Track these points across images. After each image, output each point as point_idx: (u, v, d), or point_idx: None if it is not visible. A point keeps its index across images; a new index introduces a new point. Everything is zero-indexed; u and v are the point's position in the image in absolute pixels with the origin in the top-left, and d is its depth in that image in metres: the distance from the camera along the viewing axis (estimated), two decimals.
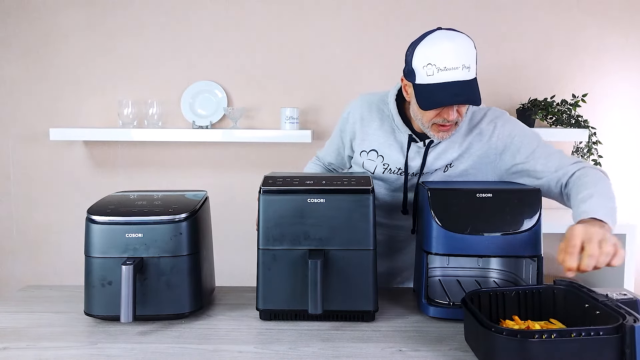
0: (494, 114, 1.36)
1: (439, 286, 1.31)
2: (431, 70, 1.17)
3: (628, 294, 1.08)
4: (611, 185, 1.20)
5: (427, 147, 1.34)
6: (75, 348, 1.03)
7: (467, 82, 1.17)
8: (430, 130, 1.28)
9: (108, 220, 1.12)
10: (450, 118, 1.23)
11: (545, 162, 1.28)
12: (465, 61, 1.16)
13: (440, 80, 1.17)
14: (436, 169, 1.35)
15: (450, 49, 1.16)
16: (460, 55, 1.16)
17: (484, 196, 1.15)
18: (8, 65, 2.52)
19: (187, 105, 2.51)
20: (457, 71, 1.16)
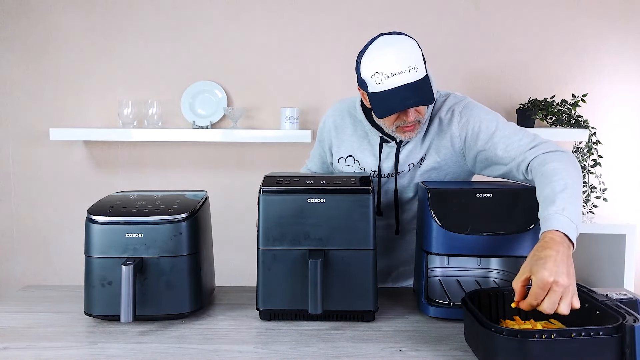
0: (452, 101, 1.34)
1: (439, 286, 1.31)
2: (379, 79, 1.17)
3: (628, 294, 1.08)
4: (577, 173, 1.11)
5: (399, 146, 1.35)
6: (75, 348, 1.03)
7: (416, 83, 1.17)
8: (395, 133, 1.29)
9: (108, 220, 1.13)
10: (409, 120, 1.24)
11: (504, 148, 1.24)
12: (410, 62, 1.16)
13: (390, 87, 1.17)
14: (411, 164, 1.36)
15: (393, 54, 1.16)
16: (403, 59, 1.16)
17: (484, 196, 1.15)
18: (8, 65, 2.52)
19: (187, 105, 2.51)
20: (404, 75, 1.16)
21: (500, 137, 1.25)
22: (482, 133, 1.27)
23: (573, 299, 0.91)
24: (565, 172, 1.09)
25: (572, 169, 1.12)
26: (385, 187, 1.41)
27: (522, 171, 1.21)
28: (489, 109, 1.33)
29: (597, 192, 2.35)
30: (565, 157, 1.15)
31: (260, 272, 1.14)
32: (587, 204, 2.36)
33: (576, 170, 1.12)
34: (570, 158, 1.16)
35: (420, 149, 1.35)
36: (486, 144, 1.26)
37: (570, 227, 0.99)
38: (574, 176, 1.10)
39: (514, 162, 1.22)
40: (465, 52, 2.50)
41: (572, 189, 1.06)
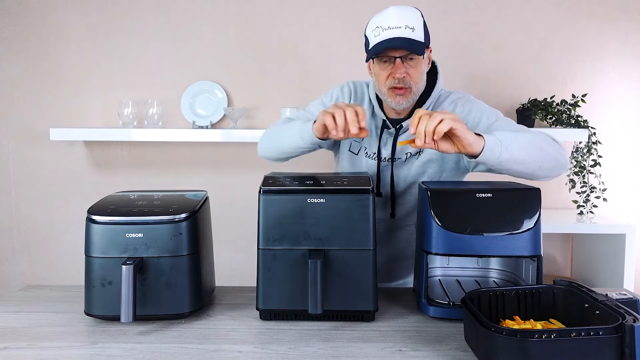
0: (456, 96, 1.42)
1: (439, 286, 1.31)
2: (377, 32, 1.27)
3: (628, 294, 1.08)
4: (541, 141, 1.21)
5: (397, 132, 1.39)
6: (75, 348, 1.03)
7: (410, 39, 1.25)
8: (387, 97, 1.34)
9: (108, 220, 1.13)
10: (397, 75, 1.28)
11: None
12: (408, 22, 1.25)
13: (385, 37, 1.26)
14: (408, 153, 1.40)
15: (394, 12, 1.27)
16: (403, 17, 1.26)
17: (484, 196, 1.15)
18: (8, 65, 2.52)
19: (187, 105, 2.51)
20: (400, 29, 1.25)
21: (499, 125, 1.31)
22: (482, 123, 1.34)
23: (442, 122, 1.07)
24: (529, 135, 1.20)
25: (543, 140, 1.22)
26: (384, 172, 1.44)
27: None
28: (484, 104, 1.41)
29: (597, 192, 2.36)
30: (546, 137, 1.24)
31: (260, 272, 1.14)
32: (587, 204, 2.37)
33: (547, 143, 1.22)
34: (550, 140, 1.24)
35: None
36: (486, 130, 1.31)
37: (491, 137, 1.13)
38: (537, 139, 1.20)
39: None
40: (465, 52, 2.50)
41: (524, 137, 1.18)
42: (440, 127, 1.07)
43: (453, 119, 1.08)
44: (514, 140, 1.17)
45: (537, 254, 1.14)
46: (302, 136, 1.28)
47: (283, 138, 1.36)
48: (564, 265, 2.62)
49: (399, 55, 1.28)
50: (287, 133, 1.34)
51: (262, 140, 1.46)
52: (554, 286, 1.05)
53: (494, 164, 1.16)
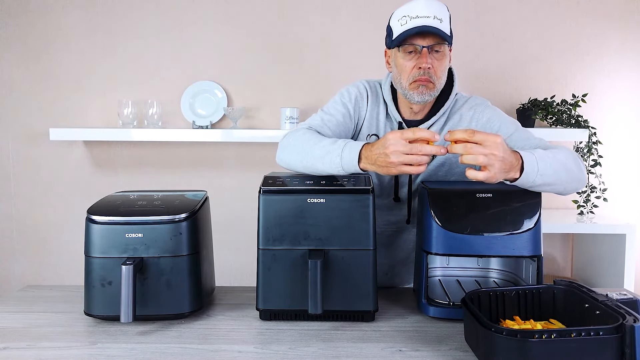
0: (475, 101, 1.40)
1: (439, 286, 1.31)
2: (404, 21, 1.25)
3: (628, 294, 1.08)
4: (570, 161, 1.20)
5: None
6: (75, 348, 1.03)
7: (437, 29, 1.23)
8: (409, 90, 1.30)
9: (108, 220, 1.13)
10: (423, 65, 1.26)
11: (522, 145, 1.30)
12: (437, 13, 1.23)
13: (413, 25, 1.23)
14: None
15: (422, 2, 1.25)
16: (432, 7, 1.24)
17: (484, 196, 1.15)
18: (8, 65, 2.52)
19: (187, 105, 2.51)
20: (428, 19, 1.23)
21: (518, 137, 1.32)
22: (502, 131, 1.33)
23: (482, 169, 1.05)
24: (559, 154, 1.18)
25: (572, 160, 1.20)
26: (401, 177, 1.42)
27: None
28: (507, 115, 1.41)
29: (597, 192, 2.35)
30: (572, 155, 1.22)
31: (260, 272, 1.14)
32: (587, 204, 2.36)
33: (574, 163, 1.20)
34: (576, 158, 1.23)
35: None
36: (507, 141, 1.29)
37: (531, 160, 1.10)
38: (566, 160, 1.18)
39: None
40: (465, 51, 2.50)
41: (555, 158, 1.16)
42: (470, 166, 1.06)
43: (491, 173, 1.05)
44: (549, 163, 1.14)
45: (537, 254, 1.14)
46: (344, 167, 1.17)
47: (316, 163, 1.21)
48: (564, 265, 2.62)
49: (427, 44, 1.25)
50: (323, 160, 1.19)
51: (285, 153, 1.30)
52: (554, 286, 1.05)
53: (525, 187, 1.15)
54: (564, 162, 1.17)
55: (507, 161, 1.06)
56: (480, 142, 1.04)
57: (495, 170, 1.05)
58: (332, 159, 1.18)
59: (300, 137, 1.28)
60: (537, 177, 1.11)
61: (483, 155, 1.03)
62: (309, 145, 1.23)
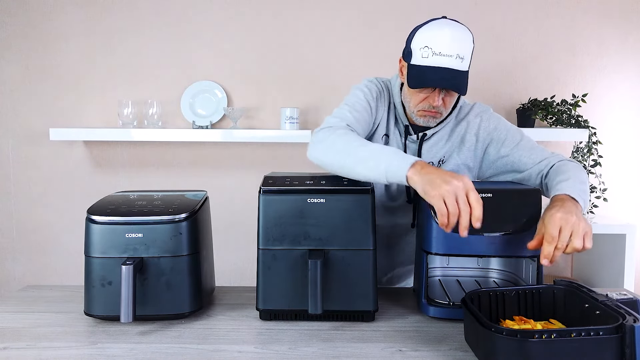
0: (480, 108, 1.41)
1: (439, 286, 1.31)
2: (426, 53, 1.21)
3: (628, 294, 1.08)
4: (586, 175, 1.26)
5: (421, 141, 1.36)
6: (75, 348, 1.03)
7: (458, 71, 1.22)
8: (416, 115, 1.31)
9: (108, 220, 1.13)
10: (435, 104, 1.26)
11: (529, 155, 1.32)
12: (460, 51, 1.21)
13: (433, 64, 1.21)
14: (430, 162, 1.37)
15: (449, 36, 1.20)
16: (456, 45, 1.20)
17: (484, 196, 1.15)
18: (8, 66, 2.52)
19: (187, 105, 2.51)
20: (450, 59, 1.20)
21: (524, 146, 1.33)
22: (508, 140, 1.34)
23: (585, 236, 1.04)
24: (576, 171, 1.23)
25: (583, 172, 1.25)
26: None
27: (542, 175, 1.29)
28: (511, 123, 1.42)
29: (597, 192, 2.35)
30: (579, 166, 1.27)
31: (260, 272, 1.14)
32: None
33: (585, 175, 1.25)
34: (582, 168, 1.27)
35: (441, 148, 1.37)
36: (512, 150, 1.33)
37: (575, 191, 1.13)
38: (583, 175, 1.23)
39: (537, 167, 1.30)
40: None
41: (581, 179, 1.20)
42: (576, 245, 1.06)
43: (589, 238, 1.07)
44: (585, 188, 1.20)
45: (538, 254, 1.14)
46: (388, 177, 1.10)
47: (357, 165, 1.14)
48: (564, 265, 2.62)
49: (442, 87, 1.24)
50: (367, 165, 1.12)
51: (320, 150, 1.21)
52: (554, 286, 1.05)
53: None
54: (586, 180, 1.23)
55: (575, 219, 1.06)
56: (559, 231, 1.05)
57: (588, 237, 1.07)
58: (378, 164, 1.10)
59: (342, 136, 1.19)
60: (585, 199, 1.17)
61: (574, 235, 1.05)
62: (353, 147, 1.15)
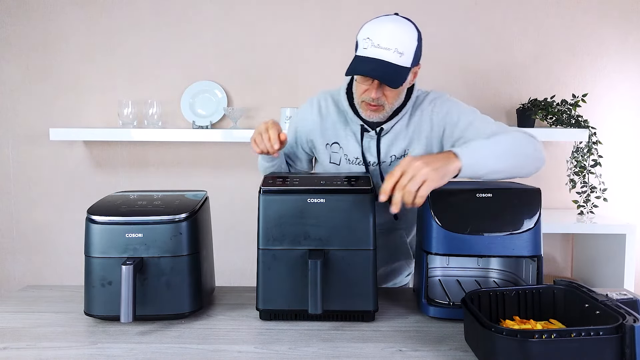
0: (434, 95, 1.39)
1: (439, 286, 1.31)
2: (366, 44, 1.23)
3: (628, 294, 1.08)
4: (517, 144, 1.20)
5: (379, 135, 1.36)
6: (75, 348, 1.03)
7: (394, 64, 1.20)
8: (360, 107, 1.33)
9: (108, 220, 1.13)
10: (372, 96, 1.26)
11: (481, 134, 1.28)
12: (399, 46, 1.20)
13: (370, 55, 1.21)
14: (393, 155, 1.38)
15: (390, 30, 1.22)
16: (396, 39, 1.21)
17: (484, 196, 1.15)
18: (8, 65, 2.52)
19: (187, 105, 2.51)
20: (388, 51, 1.20)
21: (477, 126, 1.30)
22: (461, 122, 1.32)
23: (424, 183, 1.02)
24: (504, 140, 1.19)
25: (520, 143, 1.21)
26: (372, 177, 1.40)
27: None
28: (459, 102, 1.39)
29: (597, 192, 2.35)
30: (520, 137, 1.22)
31: (260, 272, 1.14)
32: (587, 204, 2.36)
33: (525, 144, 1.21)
34: (527, 139, 1.22)
35: (402, 140, 1.36)
36: (464, 131, 1.31)
37: (464, 150, 1.11)
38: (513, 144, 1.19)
39: None
40: (465, 52, 2.50)
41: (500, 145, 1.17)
42: (419, 198, 1.04)
43: (429, 179, 1.04)
44: (491, 151, 1.15)
45: (537, 254, 1.14)
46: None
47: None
48: (564, 265, 2.62)
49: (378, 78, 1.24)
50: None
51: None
52: (554, 286, 1.05)
53: (473, 178, 1.16)
54: (511, 146, 1.19)
55: (433, 162, 1.06)
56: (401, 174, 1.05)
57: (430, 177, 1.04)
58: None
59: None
60: (479, 169, 1.13)
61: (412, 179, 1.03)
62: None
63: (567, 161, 2.43)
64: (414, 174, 1.03)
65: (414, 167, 1.03)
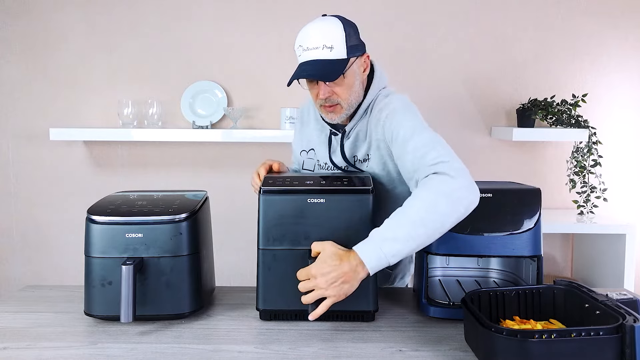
0: (385, 102, 1.29)
1: (439, 286, 1.31)
2: (299, 52, 1.27)
3: (628, 294, 1.08)
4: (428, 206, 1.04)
5: (342, 137, 1.36)
6: (75, 348, 1.03)
7: (325, 60, 1.23)
8: (321, 113, 1.33)
9: (108, 220, 1.13)
10: (320, 96, 1.27)
11: (411, 159, 1.15)
12: (326, 41, 1.23)
13: (304, 59, 1.26)
14: (354, 155, 1.35)
15: (313, 30, 1.25)
16: (321, 36, 1.24)
17: (484, 196, 1.15)
18: (8, 65, 2.52)
19: (187, 105, 2.51)
20: (317, 50, 1.23)
21: (411, 147, 1.16)
22: (399, 139, 1.20)
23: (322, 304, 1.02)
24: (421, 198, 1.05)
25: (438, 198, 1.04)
26: None
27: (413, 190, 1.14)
28: (414, 114, 1.25)
29: (597, 192, 2.35)
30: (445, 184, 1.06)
31: (260, 272, 1.14)
32: (587, 204, 2.36)
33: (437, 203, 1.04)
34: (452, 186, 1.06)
35: (362, 143, 1.33)
36: (400, 152, 1.19)
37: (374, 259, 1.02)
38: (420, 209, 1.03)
39: (409, 177, 1.17)
40: (465, 52, 2.50)
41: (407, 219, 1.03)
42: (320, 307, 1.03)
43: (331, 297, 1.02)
44: (399, 234, 1.02)
45: (537, 254, 1.15)
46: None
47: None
48: (564, 265, 2.62)
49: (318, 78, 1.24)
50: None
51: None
52: (554, 286, 1.05)
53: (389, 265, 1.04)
54: (420, 215, 1.03)
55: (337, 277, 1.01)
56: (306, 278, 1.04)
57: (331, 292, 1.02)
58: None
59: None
60: (390, 259, 1.02)
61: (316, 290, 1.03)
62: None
63: (567, 161, 2.43)
64: (317, 288, 1.03)
65: (319, 283, 1.02)
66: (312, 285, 1.02)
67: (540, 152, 2.54)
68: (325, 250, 1.04)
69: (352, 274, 1.02)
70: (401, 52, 2.49)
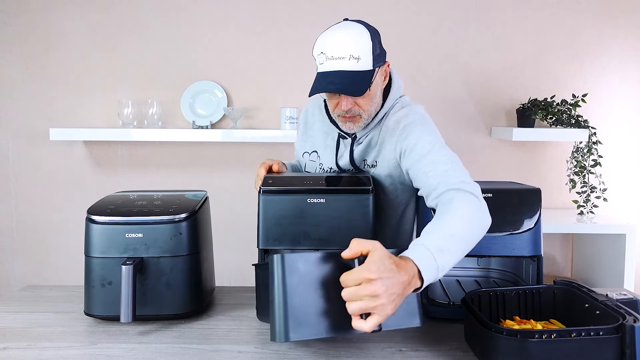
0: (403, 114, 1.28)
1: (439, 286, 1.31)
2: (322, 59, 1.18)
3: (628, 294, 1.08)
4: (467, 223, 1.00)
5: (352, 142, 1.33)
6: (75, 348, 1.03)
7: (351, 72, 1.16)
8: (338, 121, 1.30)
9: (108, 220, 1.13)
10: (342, 108, 1.22)
11: (427, 172, 1.15)
12: (353, 52, 1.15)
13: (327, 69, 1.18)
14: (364, 159, 1.34)
15: (340, 38, 1.16)
16: (348, 46, 1.15)
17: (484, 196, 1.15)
18: (8, 65, 2.52)
19: (187, 105, 2.51)
20: (343, 61, 1.16)
21: (429, 161, 1.16)
22: (415, 152, 1.20)
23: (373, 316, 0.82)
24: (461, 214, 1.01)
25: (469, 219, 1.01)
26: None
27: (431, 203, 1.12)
28: (432, 129, 1.25)
29: (597, 192, 2.35)
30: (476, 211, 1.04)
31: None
32: (587, 204, 2.36)
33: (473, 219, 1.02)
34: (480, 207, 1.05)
35: (373, 149, 1.32)
36: (415, 163, 1.19)
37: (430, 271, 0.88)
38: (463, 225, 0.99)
39: (429, 190, 1.13)
40: (465, 52, 2.50)
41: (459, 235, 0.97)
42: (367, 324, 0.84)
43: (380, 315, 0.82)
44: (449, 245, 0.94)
45: (538, 254, 1.15)
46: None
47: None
48: (564, 265, 2.62)
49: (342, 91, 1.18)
50: None
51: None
52: (554, 286, 1.05)
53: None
54: (463, 231, 0.99)
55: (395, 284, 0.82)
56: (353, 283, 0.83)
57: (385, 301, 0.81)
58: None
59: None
60: (440, 273, 0.91)
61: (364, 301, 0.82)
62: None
63: (567, 161, 2.43)
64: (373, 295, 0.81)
65: (377, 289, 0.80)
66: (369, 292, 0.80)
67: (540, 152, 2.54)
68: (377, 250, 0.83)
69: (408, 287, 0.85)
70: (401, 53, 2.49)
